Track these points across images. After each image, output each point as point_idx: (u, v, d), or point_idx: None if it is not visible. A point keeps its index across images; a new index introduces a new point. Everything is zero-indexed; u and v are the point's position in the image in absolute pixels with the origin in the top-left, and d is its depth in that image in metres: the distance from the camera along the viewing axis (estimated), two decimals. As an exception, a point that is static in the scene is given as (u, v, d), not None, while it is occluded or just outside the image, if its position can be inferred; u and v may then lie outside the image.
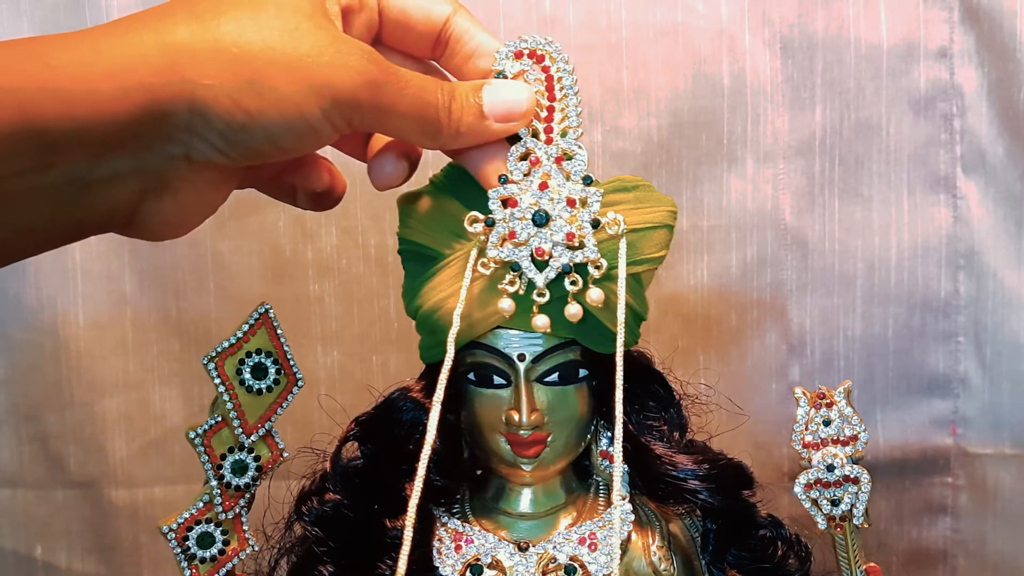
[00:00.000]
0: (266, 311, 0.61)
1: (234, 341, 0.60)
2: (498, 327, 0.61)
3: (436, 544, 0.64)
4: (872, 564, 0.68)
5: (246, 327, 0.61)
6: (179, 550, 0.62)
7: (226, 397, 0.60)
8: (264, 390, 0.61)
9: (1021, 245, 0.96)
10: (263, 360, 0.61)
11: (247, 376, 0.61)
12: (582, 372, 0.63)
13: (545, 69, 0.47)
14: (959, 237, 0.98)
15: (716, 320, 1.00)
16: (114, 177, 0.43)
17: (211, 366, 0.60)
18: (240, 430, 0.61)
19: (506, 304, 0.51)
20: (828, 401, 0.67)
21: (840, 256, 0.99)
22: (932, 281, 0.98)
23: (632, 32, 0.96)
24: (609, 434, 0.66)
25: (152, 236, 0.48)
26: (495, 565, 0.62)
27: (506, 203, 0.50)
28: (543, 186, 0.46)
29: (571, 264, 0.52)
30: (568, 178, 0.46)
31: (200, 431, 0.61)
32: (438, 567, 0.63)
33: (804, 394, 0.68)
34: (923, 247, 0.98)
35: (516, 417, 0.61)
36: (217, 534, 0.63)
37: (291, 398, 0.63)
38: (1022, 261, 0.96)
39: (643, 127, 0.97)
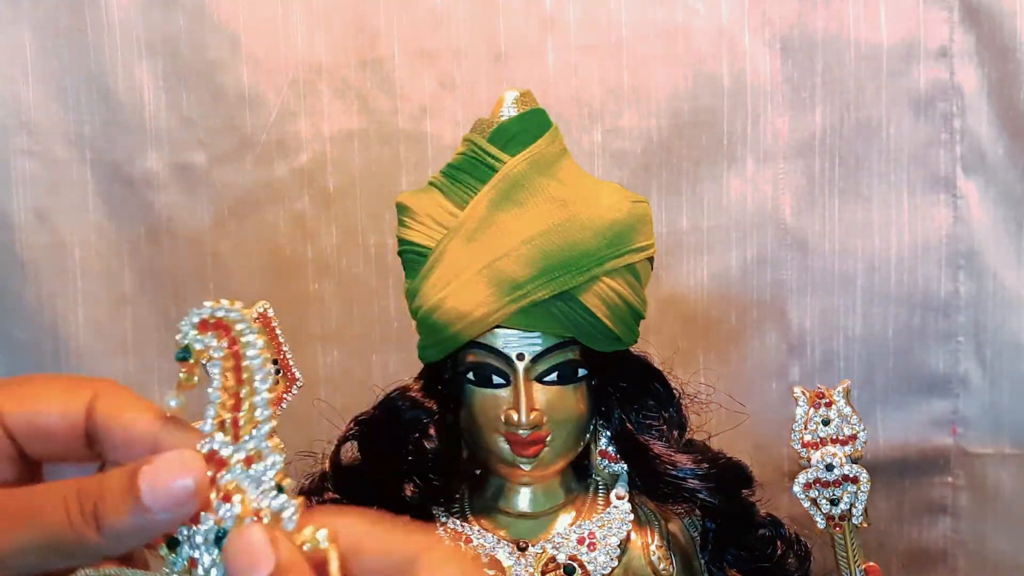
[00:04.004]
0: (264, 311, 0.61)
1: (233, 340, 0.60)
2: (497, 326, 0.61)
3: (435, 544, 0.64)
4: (871, 563, 0.68)
5: (245, 327, 0.60)
6: (178, 549, 0.62)
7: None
8: (263, 390, 0.61)
9: (1021, 245, 0.96)
10: (262, 360, 0.61)
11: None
12: (581, 372, 0.63)
13: (232, 342, 0.37)
14: (959, 237, 0.97)
15: (716, 320, 1.00)
16: None
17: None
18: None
19: None
20: (827, 401, 0.67)
21: (840, 256, 0.99)
22: (932, 281, 0.98)
23: (632, 32, 0.96)
24: (608, 434, 0.66)
25: None
26: (494, 565, 0.62)
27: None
28: (227, 498, 0.36)
29: None
30: (259, 487, 0.37)
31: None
32: (437, 567, 0.63)
33: (803, 393, 0.68)
34: (923, 247, 0.98)
35: (515, 417, 0.61)
36: (216, 534, 0.63)
37: (289, 398, 0.63)
38: (1022, 261, 0.96)
39: (643, 127, 0.97)
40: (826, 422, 0.67)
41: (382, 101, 0.97)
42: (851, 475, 0.66)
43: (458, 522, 0.65)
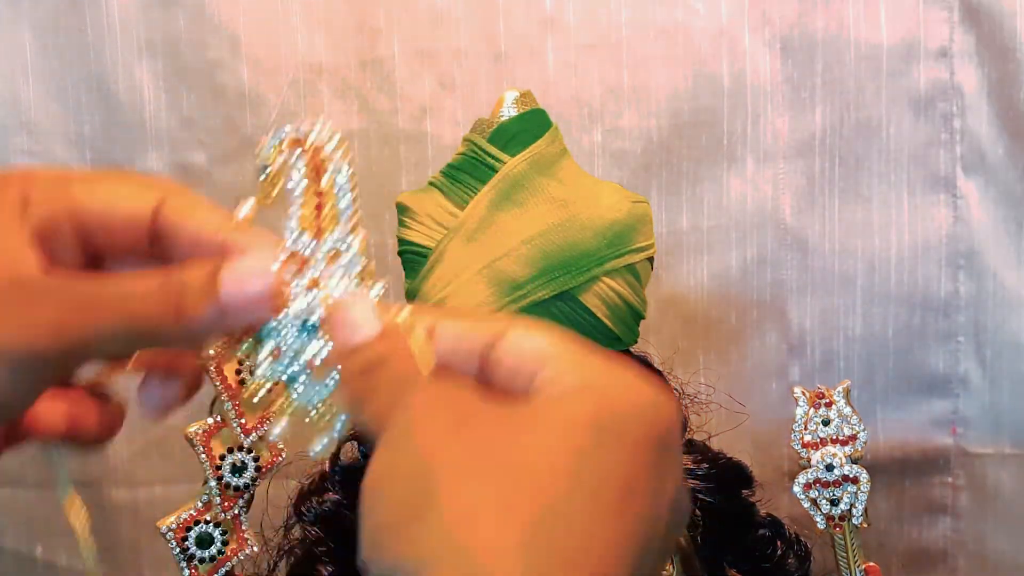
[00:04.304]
0: (265, 311, 0.61)
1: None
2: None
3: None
4: (871, 564, 0.68)
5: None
6: (178, 550, 0.62)
7: (225, 397, 0.60)
8: (263, 390, 0.61)
9: (1021, 245, 0.96)
10: (262, 360, 0.61)
11: (246, 376, 0.61)
12: (581, 372, 0.63)
13: (312, 154, 0.41)
14: (959, 237, 0.97)
15: (716, 320, 1.00)
16: None
17: (210, 366, 0.60)
18: (239, 430, 0.61)
19: (278, 430, 0.41)
20: (827, 401, 0.67)
21: (840, 256, 0.99)
22: (932, 281, 0.98)
23: (632, 32, 0.96)
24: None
25: None
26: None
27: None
28: (314, 287, 0.39)
29: None
30: (343, 277, 0.40)
31: (199, 431, 0.61)
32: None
33: (803, 394, 0.68)
34: (923, 247, 0.98)
35: (515, 417, 0.61)
36: (216, 534, 0.63)
37: (290, 398, 0.63)
38: (1022, 261, 0.96)
39: (643, 127, 0.97)
40: (826, 422, 0.67)
41: (382, 101, 0.97)
42: (851, 475, 0.67)
43: (458, 522, 0.64)
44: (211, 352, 0.60)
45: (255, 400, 0.40)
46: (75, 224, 0.39)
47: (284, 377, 0.40)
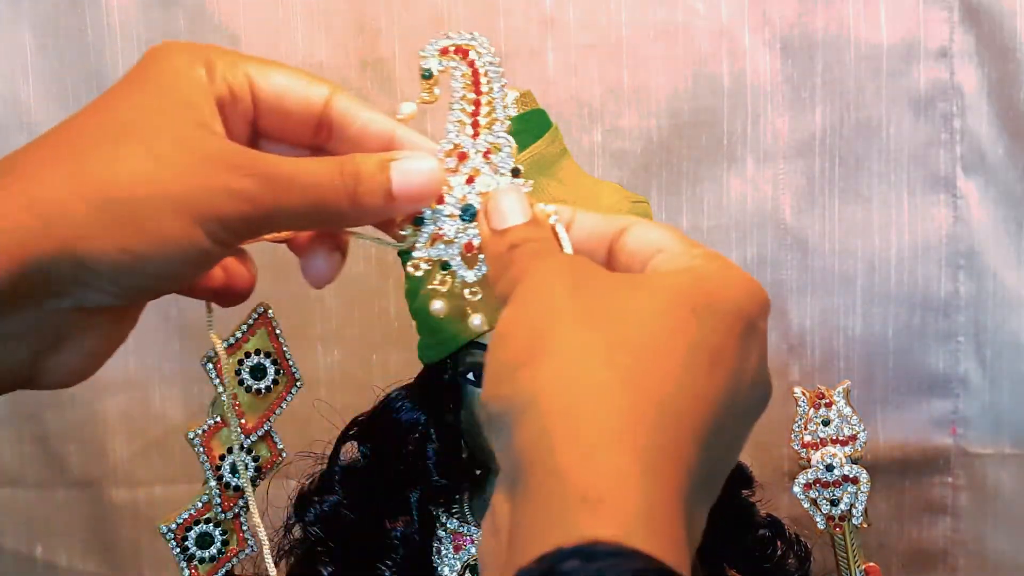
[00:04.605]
0: (264, 311, 0.61)
1: (233, 342, 0.60)
2: (497, 327, 0.61)
3: (435, 545, 0.64)
4: (871, 564, 0.68)
5: (245, 328, 0.61)
6: (178, 550, 0.62)
7: (225, 397, 0.60)
8: (263, 390, 0.61)
9: (1021, 245, 0.96)
10: (262, 360, 0.61)
11: (246, 376, 0.61)
12: (581, 372, 0.63)
13: (471, 63, 0.47)
14: (959, 237, 0.97)
15: (716, 320, 1.00)
16: (2, 340, 0.41)
17: (209, 367, 0.60)
18: (239, 430, 0.61)
19: (437, 305, 0.47)
20: (827, 401, 0.67)
21: (840, 256, 0.99)
22: (932, 281, 0.98)
23: (632, 32, 0.96)
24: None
25: (60, 386, 0.45)
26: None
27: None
28: (471, 180, 0.45)
29: None
30: (497, 172, 0.45)
31: (199, 431, 0.61)
32: (437, 567, 0.63)
33: (803, 394, 0.68)
34: (923, 247, 0.98)
35: (515, 417, 0.61)
36: (216, 534, 0.63)
37: (290, 398, 0.63)
38: (1022, 261, 0.96)
39: (643, 127, 0.97)
40: (826, 422, 0.67)
41: (382, 101, 0.97)
42: (851, 475, 0.67)
43: (458, 523, 0.65)
44: (211, 353, 0.60)
45: (417, 274, 0.45)
46: (250, 101, 0.43)
47: (442, 259, 0.45)
